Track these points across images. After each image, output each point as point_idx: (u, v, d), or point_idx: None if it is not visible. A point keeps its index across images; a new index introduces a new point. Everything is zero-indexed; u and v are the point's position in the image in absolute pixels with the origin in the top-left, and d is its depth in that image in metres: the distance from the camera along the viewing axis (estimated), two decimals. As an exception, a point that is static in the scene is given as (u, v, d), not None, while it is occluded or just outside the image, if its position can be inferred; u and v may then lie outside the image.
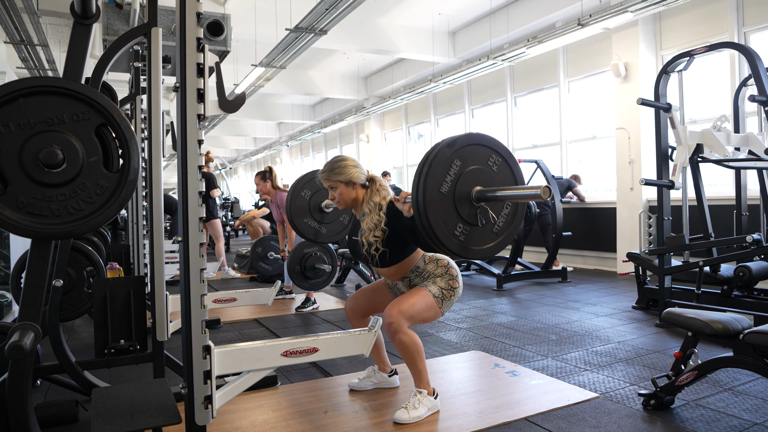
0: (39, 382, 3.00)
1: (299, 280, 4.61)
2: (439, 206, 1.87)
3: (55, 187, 1.49)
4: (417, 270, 2.57)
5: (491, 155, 2.01)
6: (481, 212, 1.95)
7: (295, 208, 3.23)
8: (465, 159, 1.94)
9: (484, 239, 2.01)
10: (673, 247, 4.22)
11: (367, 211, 2.49)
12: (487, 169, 1.99)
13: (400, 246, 2.50)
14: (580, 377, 3.03)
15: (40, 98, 1.48)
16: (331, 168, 2.56)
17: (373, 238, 2.45)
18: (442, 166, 1.88)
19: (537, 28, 7.98)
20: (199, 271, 1.65)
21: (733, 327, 2.30)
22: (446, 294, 2.50)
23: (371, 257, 2.50)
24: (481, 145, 2.00)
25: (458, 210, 1.92)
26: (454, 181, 1.90)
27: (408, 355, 2.45)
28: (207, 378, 1.67)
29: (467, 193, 1.93)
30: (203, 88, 1.69)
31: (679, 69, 4.40)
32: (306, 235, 3.25)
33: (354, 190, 2.56)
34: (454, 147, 1.91)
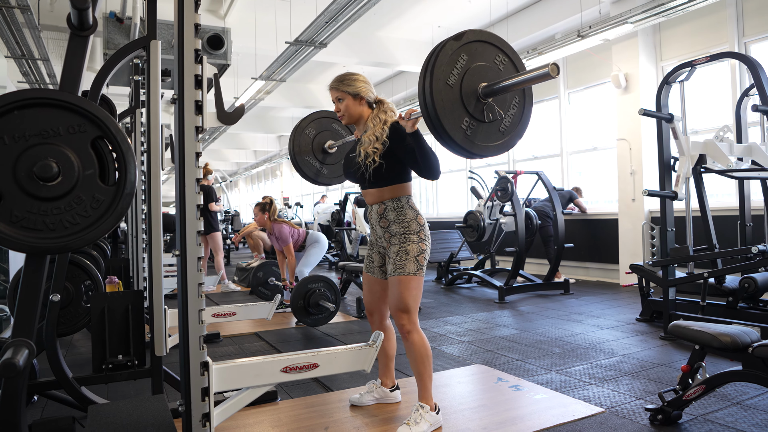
0: (36, 398, 2.96)
1: (302, 315, 4.62)
2: (445, 96, 1.85)
3: (50, 200, 1.46)
4: (398, 202, 2.48)
5: (498, 54, 2.00)
6: (488, 108, 1.94)
7: (298, 145, 3.19)
8: (472, 54, 1.92)
9: (491, 136, 1.99)
10: (678, 258, 4.18)
11: (372, 125, 2.46)
12: (494, 68, 1.98)
13: (396, 166, 2.45)
14: (584, 391, 2.97)
15: (36, 110, 1.45)
16: (342, 78, 2.55)
17: (372, 149, 2.40)
18: (449, 58, 1.87)
19: (537, 40, 8.01)
20: (197, 285, 1.61)
21: (742, 340, 2.26)
22: (420, 259, 2.45)
23: (365, 168, 2.44)
24: (488, 43, 1.99)
25: (465, 104, 1.90)
26: (461, 74, 1.89)
27: (418, 357, 2.43)
28: (205, 395, 1.64)
29: (474, 89, 1.92)
30: (201, 100, 1.67)
31: (681, 79, 4.39)
32: (307, 174, 3.20)
33: (361, 105, 2.54)
34: (461, 40, 1.90)
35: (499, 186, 6.65)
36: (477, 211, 7.34)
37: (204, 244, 7.32)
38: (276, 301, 3.06)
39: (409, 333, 2.42)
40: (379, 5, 6.31)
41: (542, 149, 9.06)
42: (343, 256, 9.73)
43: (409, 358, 2.47)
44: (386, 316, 2.77)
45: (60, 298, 2.41)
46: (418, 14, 8.28)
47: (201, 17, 1.71)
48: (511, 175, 6.66)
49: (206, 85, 1.75)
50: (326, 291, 4.66)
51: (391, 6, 7.66)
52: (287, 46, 7.00)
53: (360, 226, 8.59)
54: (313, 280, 4.67)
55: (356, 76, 2.56)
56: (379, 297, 2.71)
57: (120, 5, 5.54)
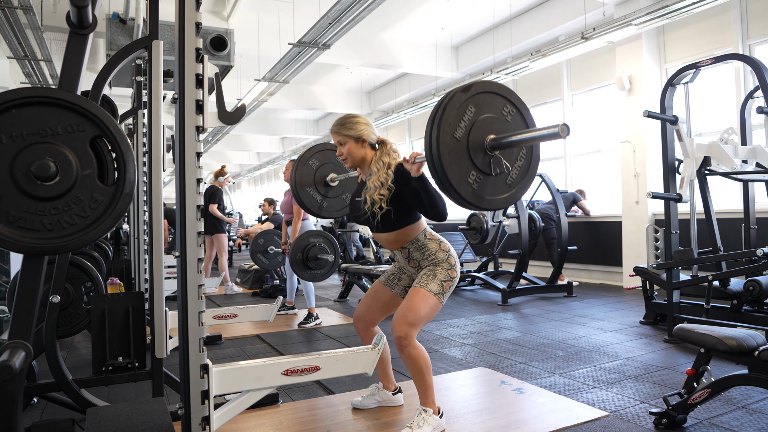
0: (36, 400, 2.94)
1: (300, 269, 4.51)
2: (452, 150, 1.82)
3: (47, 200, 1.44)
4: (417, 242, 2.47)
5: (506, 105, 1.97)
6: (495, 161, 1.91)
7: (301, 177, 3.17)
8: (479, 106, 1.90)
9: (498, 189, 1.96)
10: (682, 261, 4.14)
11: (375, 170, 2.43)
12: (501, 119, 1.95)
13: (404, 210, 2.42)
14: (588, 395, 2.95)
15: (34, 109, 1.44)
16: (343, 122, 2.51)
17: (378, 196, 2.37)
18: (456, 111, 1.84)
19: (540, 42, 7.98)
20: (197, 287, 1.59)
21: (748, 344, 2.23)
22: (446, 286, 2.42)
23: (373, 216, 2.42)
24: (495, 94, 1.96)
25: (472, 157, 1.87)
26: (468, 127, 1.86)
27: (416, 369, 2.38)
28: (204, 398, 1.62)
29: (481, 141, 1.89)
30: (202, 100, 1.65)
31: (685, 81, 4.36)
32: (309, 207, 3.18)
33: (363, 148, 2.51)
34: (469, 93, 1.87)
35: (502, 188, 6.62)
36: (480, 213, 7.31)
37: (209, 245, 7.29)
38: (278, 303, 3.04)
39: (405, 347, 2.35)
40: (382, 7, 6.30)
41: (546, 151, 9.03)
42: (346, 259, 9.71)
43: (408, 371, 2.42)
44: (374, 324, 2.73)
45: (60, 299, 2.40)
46: (422, 16, 8.27)
47: (204, 18, 1.70)
48: (514, 177, 6.62)
49: (207, 84, 1.73)
50: (325, 245, 4.57)
51: (394, 8, 7.65)
52: (290, 47, 6.99)
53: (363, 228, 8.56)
54: (314, 234, 4.58)
55: (357, 119, 2.53)
56: (380, 307, 2.67)
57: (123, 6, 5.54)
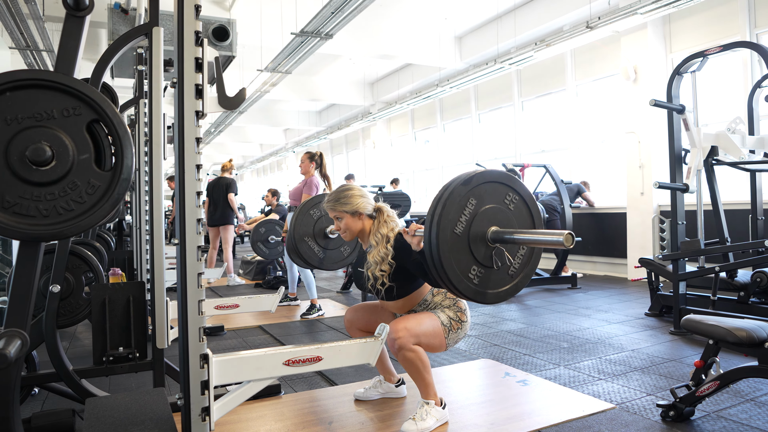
0: (36, 391, 2.93)
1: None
2: (452, 248, 1.76)
3: (43, 185, 1.41)
4: (425, 303, 2.49)
5: (508, 193, 1.89)
6: (497, 254, 1.84)
7: (301, 228, 3.12)
8: (480, 197, 1.82)
9: (500, 282, 1.89)
10: (688, 252, 4.10)
11: (374, 243, 2.41)
12: (504, 208, 1.87)
13: (408, 280, 2.42)
14: (594, 387, 2.92)
15: (29, 92, 1.40)
16: (337, 198, 2.48)
17: (380, 272, 2.36)
18: (456, 205, 1.77)
19: (545, 32, 7.90)
20: (197, 275, 1.56)
21: (758, 335, 2.20)
22: (454, 325, 2.41)
23: (377, 292, 2.43)
24: (497, 183, 1.88)
25: (473, 252, 1.81)
26: (469, 221, 1.79)
27: (414, 370, 2.35)
28: (204, 388, 1.59)
29: (482, 234, 1.82)
30: (202, 84, 1.61)
31: (693, 70, 4.30)
32: (309, 261, 3.13)
33: (360, 220, 2.49)
34: (470, 185, 1.80)
35: (506, 179, 6.57)
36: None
37: (215, 235, 7.34)
38: (280, 293, 3.01)
39: (401, 349, 2.30)
40: (385, -4, 6.24)
41: (550, 142, 8.97)
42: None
43: (408, 372, 2.38)
44: (361, 331, 2.71)
45: (60, 288, 2.37)
46: (425, 6, 8.19)
47: (206, 8, 1.66)
48: (518, 168, 6.58)
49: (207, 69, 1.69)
50: None
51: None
52: (293, 37, 6.94)
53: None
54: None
55: (351, 192, 2.49)
56: (378, 318, 2.64)
57: (125, -4, 5.49)
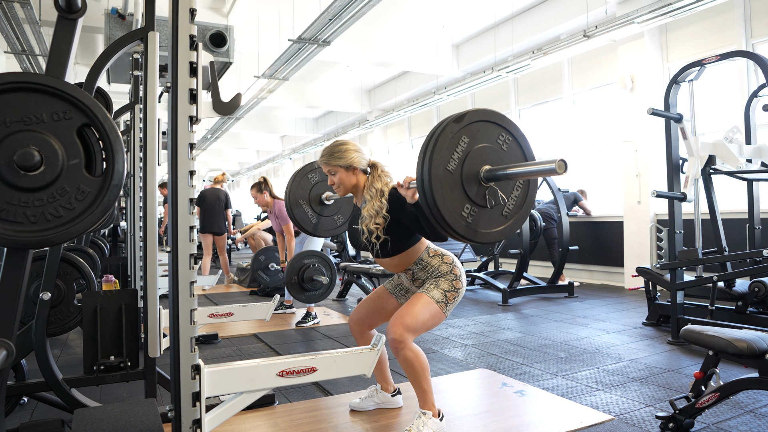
0: (26, 400, 2.87)
1: (296, 292, 4.47)
2: (445, 184, 1.74)
3: (31, 191, 1.37)
4: (421, 263, 2.43)
5: (501, 133, 1.88)
6: (490, 193, 1.82)
7: (296, 191, 3.09)
8: (473, 136, 1.81)
9: (493, 222, 1.88)
10: (686, 261, 4.08)
11: (368, 197, 2.37)
12: (497, 148, 1.86)
13: (402, 235, 2.37)
14: (592, 397, 2.88)
15: (18, 95, 1.37)
16: (331, 152, 2.46)
17: (374, 225, 2.32)
18: (449, 142, 1.76)
19: (542, 41, 7.91)
20: (189, 284, 1.53)
21: (759, 346, 2.17)
22: (449, 296, 2.35)
23: (371, 246, 2.38)
24: (490, 122, 1.87)
25: (466, 190, 1.79)
26: (462, 158, 1.78)
27: (413, 373, 2.31)
28: (196, 400, 1.55)
29: (475, 173, 1.80)
30: (196, 89, 1.59)
31: (690, 79, 4.30)
32: (303, 225, 3.11)
33: (354, 175, 2.46)
34: (462, 123, 1.79)
35: (503, 187, 6.55)
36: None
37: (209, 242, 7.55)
38: (275, 301, 2.97)
39: (401, 350, 2.27)
40: (383, 4, 6.24)
41: (546, 151, 8.96)
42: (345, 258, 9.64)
43: (406, 373, 2.35)
44: (371, 328, 2.67)
45: (51, 296, 2.33)
46: (423, 14, 8.20)
47: (204, 14, 1.64)
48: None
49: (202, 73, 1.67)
50: (321, 266, 4.53)
51: (395, 5, 7.58)
52: (290, 44, 6.93)
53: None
54: (308, 255, 4.53)
55: (346, 147, 2.47)
56: (381, 314, 2.62)
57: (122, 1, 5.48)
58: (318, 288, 4.50)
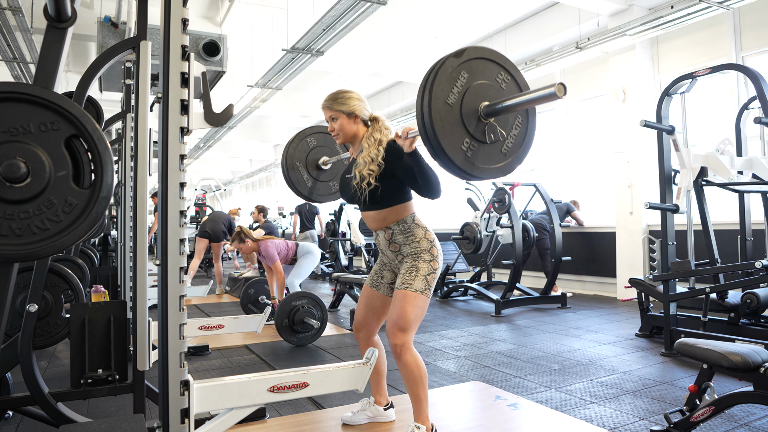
0: (10, 414, 2.81)
1: (288, 335, 4.48)
2: (445, 117, 1.76)
3: (17, 203, 1.34)
4: (404, 224, 2.39)
5: (500, 72, 1.91)
6: (490, 129, 1.84)
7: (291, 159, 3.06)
8: (473, 72, 1.84)
9: (492, 158, 1.89)
10: (679, 272, 4.08)
11: (366, 146, 2.36)
12: (496, 86, 1.89)
13: (394, 188, 2.35)
14: (586, 411, 2.86)
15: (5, 105, 1.33)
16: (335, 97, 2.46)
17: (368, 171, 2.30)
18: (448, 76, 1.78)
19: (535, 52, 7.97)
20: (179, 297, 1.50)
21: (753, 359, 2.16)
22: (430, 279, 2.34)
23: (361, 192, 2.35)
24: (489, 60, 1.90)
25: (465, 124, 1.81)
26: (461, 93, 1.80)
27: (412, 379, 2.30)
28: (185, 416, 1.52)
29: (475, 108, 1.83)
30: (187, 99, 1.57)
31: (682, 91, 4.32)
32: (300, 190, 3.07)
33: (355, 124, 2.46)
34: (462, 58, 1.81)
35: (496, 197, 6.56)
36: (474, 222, 7.24)
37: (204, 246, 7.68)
38: (266, 313, 2.94)
39: (402, 354, 2.28)
40: (376, 14, 6.24)
41: (540, 161, 8.99)
42: (338, 267, 9.61)
43: (404, 379, 2.33)
44: (374, 332, 2.64)
45: (37, 308, 2.29)
46: (416, 25, 8.23)
47: (197, 24, 1.63)
48: (508, 187, 6.58)
49: (193, 84, 1.65)
50: (311, 307, 4.53)
51: (388, 16, 7.60)
52: (284, 53, 6.92)
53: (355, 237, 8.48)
54: (297, 297, 4.54)
55: (350, 94, 2.47)
56: (375, 312, 2.59)
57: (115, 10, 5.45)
58: (309, 330, 4.51)
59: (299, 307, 4.48)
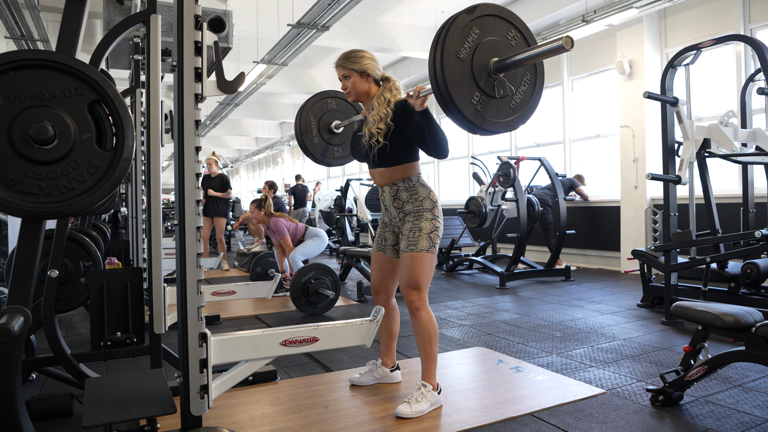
0: (34, 376, 2.95)
1: (307, 308, 4.62)
2: (456, 71, 1.83)
3: (45, 164, 1.43)
4: (409, 182, 2.48)
5: (510, 29, 1.99)
6: (499, 84, 1.91)
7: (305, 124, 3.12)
8: (484, 29, 1.90)
9: (501, 112, 1.97)
10: (680, 243, 4.14)
11: (377, 104, 2.45)
12: (506, 43, 1.96)
13: (403, 147, 2.43)
14: (585, 373, 2.96)
15: (32, 72, 1.42)
16: (348, 56, 2.53)
17: (376, 129, 2.39)
18: (460, 31, 1.85)
19: (541, 26, 7.92)
20: (196, 255, 1.59)
21: (745, 320, 2.24)
22: (433, 237, 2.45)
23: (370, 149, 2.45)
24: (500, 18, 1.97)
25: (476, 78, 1.88)
26: (473, 48, 1.87)
27: (426, 334, 2.43)
28: (203, 367, 1.62)
29: (485, 63, 1.90)
30: (201, 67, 1.64)
31: (686, 63, 4.33)
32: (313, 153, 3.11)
33: (367, 82, 2.53)
34: (474, 14, 1.88)
35: (502, 172, 6.61)
36: (479, 197, 7.31)
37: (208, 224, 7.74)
38: (276, 279, 3.04)
39: (418, 310, 2.41)
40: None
41: (545, 136, 9.01)
42: (344, 243, 9.71)
43: (416, 337, 2.46)
44: (392, 294, 2.76)
45: (58, 273, 2.39)
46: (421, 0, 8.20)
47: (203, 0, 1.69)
48: (513, 161, 6.62)
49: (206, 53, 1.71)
50: (321, 276, 4.66)
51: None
52: (289, 28, 6.94)
53: (361, 213, 8.57)
54: (306, 271, 4.67)
55: (363, 53, 2.54)
56: (388, 275, 2.70)
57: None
58: (323, 300, 4.65)
59: (310, 279, 4.61)
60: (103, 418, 1.53)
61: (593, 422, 2.30)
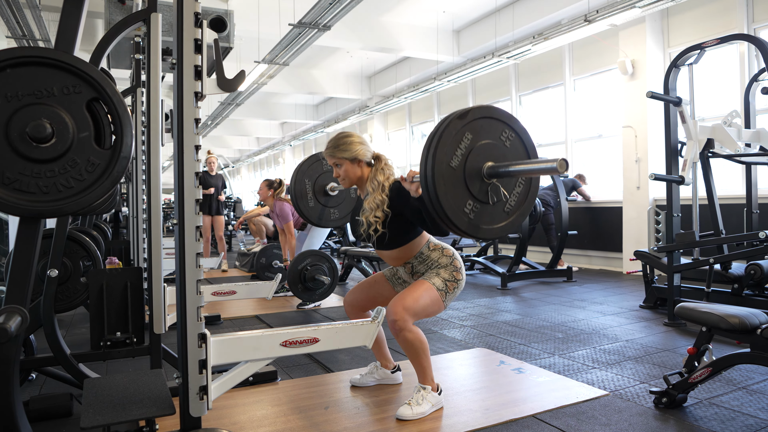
0: (34, 376, 2.93)
1: (304, 294, 4.63)
2: (448, 181, 1.78)
3: (43, 162, 1.42)
4: (421, 256, 2.47)
5: (504, 130, 1.92)
6: (493, 189, 1.86)
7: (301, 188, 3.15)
8: (476, 132, 1.84)
9: (495, 218, 1.92)
10: (683, 243, 4.12)
11: (370, 190, 2.41)
12: (500, 144, 1.90)
13: (403, 229, 2.40)
14: (588, 375, 2.94)
15: (29, 69, 1.40)
16: (336, 144, 2.48)
17: (374, 218, 2.35)
18: (452, 138, 1.79)
19: (543, 26, 7.89)
20: (195, 255, 1.57)
21: (750, 322, 2.22)
22: (450, 286, 2.40)
23: (369, 238, 2.42)
24: (493, 119, 1.90)
25: (468, 186, 1.83)
26: (465, 155, 1.81)
27: (413, 352, 2.37)
28: (202, 367, 1.60)
29: (478, 169, 1.84)
30: (201, 65, 1.62)
31: (690, 62, 4.31)
32: (309, 217, 3.18)
33: (359, 167, 2.48)
34: (466, 119, 1.82)
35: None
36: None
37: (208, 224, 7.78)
38: (277, 279, 3.02)
39: (401, 330, 2.31)
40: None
41: (547, 136, 8.99)
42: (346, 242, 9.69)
43: (405, 353, 2.40)
44: (364, 311, 2.71)
45: (58, 273, 2.38)
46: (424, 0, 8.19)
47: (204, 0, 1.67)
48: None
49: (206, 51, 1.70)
50: (318, 263, 4.67)
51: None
52: (290, 28, 6.92)
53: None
54: (303, 258, 4.67)
55: (351, 139, 2.48)
56: (376, 298, 2.66)
57: (121, -15, 5.47)
58: (320, 287, 4.64)
59: (307, 266, 4.63)
60: (101, 418, 1.52)
61: (596, 424, 2.28)
